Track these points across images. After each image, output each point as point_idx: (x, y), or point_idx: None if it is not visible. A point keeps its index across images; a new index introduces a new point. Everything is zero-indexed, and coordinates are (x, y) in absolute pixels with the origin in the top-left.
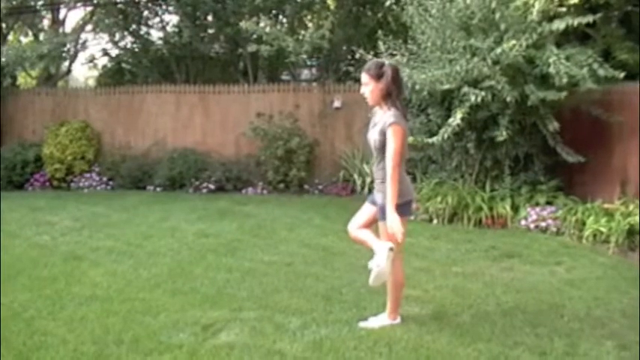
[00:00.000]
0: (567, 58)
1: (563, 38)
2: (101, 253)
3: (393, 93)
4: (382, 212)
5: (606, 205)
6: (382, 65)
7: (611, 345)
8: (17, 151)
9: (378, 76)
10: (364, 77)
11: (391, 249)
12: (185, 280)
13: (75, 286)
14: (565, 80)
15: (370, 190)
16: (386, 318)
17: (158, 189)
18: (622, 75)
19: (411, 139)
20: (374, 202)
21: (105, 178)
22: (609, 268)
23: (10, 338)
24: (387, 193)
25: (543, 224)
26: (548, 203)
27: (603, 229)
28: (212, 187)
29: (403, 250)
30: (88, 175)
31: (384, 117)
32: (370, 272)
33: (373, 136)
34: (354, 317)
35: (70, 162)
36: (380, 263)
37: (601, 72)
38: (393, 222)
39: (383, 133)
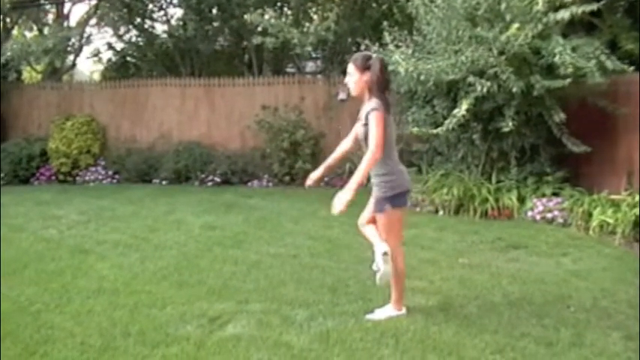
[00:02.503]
0: (574, 49)
1: (570, 29)
2: (107, 247)
3: (378, 86)
4: (377, 204)
5: (613, 197)
6: (369, 57)
7: (617, 336)
8: (23, 146)
9: (364, 67)
10: (350, 67)
11: (385, 253)
12: (191, 273)
13: (81, 279)
14: (570, 70)
15: None
16: (391, 308)
17: (164, 182)
18: (631, 68)
19: (415, 129)
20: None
21: (110, 172)
22: (615, 259)
23: (17, 332)
24: (356, 172)
25: (549, 215)
26: (555, 194)
27: (610, 220)
28: (218, 180)
29: (406, 242)
30: (93, 168)
31: (366, 107)
32: (375, 273)
33: (359, 129)
34: (361, 309)
35: (75, 156)
36: (379, 267)
37: (609, 64)
38: (342, 196)
39: (366, 124)
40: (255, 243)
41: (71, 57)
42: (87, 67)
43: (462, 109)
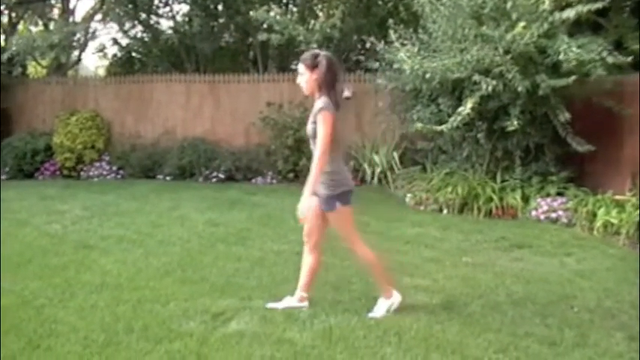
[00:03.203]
0: (579, 47)
1: (575, 28)
2: (111, 242)
3: (327, 83)
4: (325, 202)
5: (617, 197)
6: (317, 56)
7: (620, 336)
8: (27, 140)
9: (313, 66)
10: (300, 67)
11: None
12: (195, 269)
13: (85, 274)
14: (574, 64)
15: (380, 180)
16: (383, 300)
17: (168, 178)
18: (629, 59)
19: (420, 125)
20: (316, 193)
21: (115, 167)
22: (619, 260)
23: (20, 326)
24: (310, 175)
25: (554, 215)
26: (559, 194)
27: (614, 221)
28: (222, 176)
29: (410, 240)
30: (98, 164)
31: (316, 105)
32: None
33: (308, 126)
34: (364, 307)
35: (80, 151)
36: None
37: (610, 59)
38: (304, 204)
39: (315, 122)
40: (259, 240)
41: (76, 52)
42: (92, 62)
43: (467, 107)
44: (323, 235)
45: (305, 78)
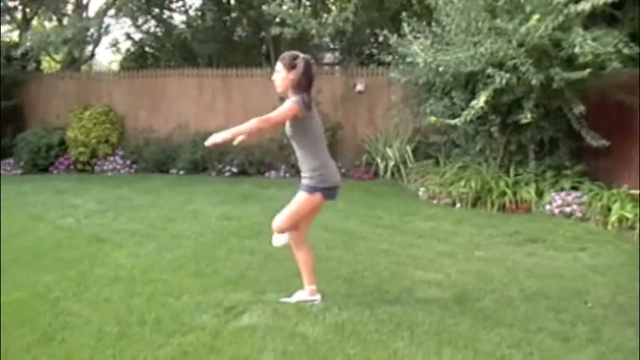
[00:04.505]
0: (594, 40)
1: (590, 21)
2: (125, 236)
3: (301, 85)
4: (309, 188)
5: (632, 191)
6: (296, 57)
7: (634, 332)
8: (42, 135)
9: (290, 66)
10: (278, 65)
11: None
12: (208, 263)
13: (99, 267)
14: (590, 58)
15: (393, 174)
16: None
17: (181, 172)
18: None
19: (433, 119)
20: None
21: (128, 162)
22: (634, 255)
23: (35, 318)
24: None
25: (568, 209)
26: (574, 188)
27: (629, 216)
28: (235, 170)
29: (423, 234)
30: (111, 158)
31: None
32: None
33: (286, 128)
34: (376, 301)
35: (93, 145)
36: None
37: (626, 51)
38: (217, 136)
39: (291, 124)
40: (272, 234)
41: (90, 47)
42: (105, 57)
43: (481, 100)
44: (305, 230)
45: (281, 76)
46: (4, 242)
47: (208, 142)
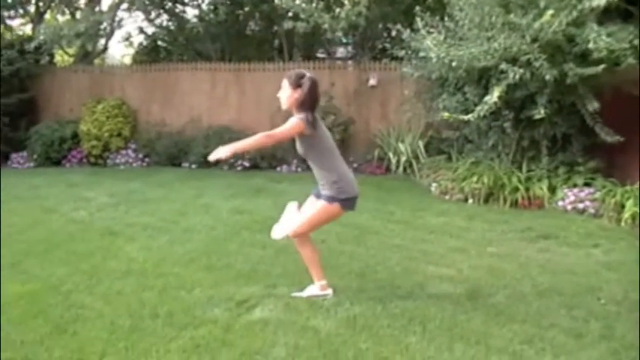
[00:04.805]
0: (609, 35)
1: (605, 17)
2: (137, 229)
3: (306, 104)
4: (329, 198)
5: None
6: (303, 76)
7: None
8: (55, 128)
9: (296, 84)
10: (284, 83)
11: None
12: (220, 256)
13: (111, 260)
14: (604, 53)
15: (405, 169)
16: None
17: (193, 166)
18: None
19: (446, 114)
20: (318, 195)
21: (141, 155)
22: None
23: (47, 311)
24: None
25: (581, 206)
26: (586, 185)
27: None
28: (247, 164)
29: (435, 230)
30: (124, 151)
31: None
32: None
33: (297, 147)
34: (388, 295)
35: (106, 139)
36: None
37: None
38: (219, 151)
39: (300, 142)
40: None
41: (103, 41)
42: (118, 51)
43: (494, 96)
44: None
45: (286, 94)
46: (17, 235)
47: (212, 157)
